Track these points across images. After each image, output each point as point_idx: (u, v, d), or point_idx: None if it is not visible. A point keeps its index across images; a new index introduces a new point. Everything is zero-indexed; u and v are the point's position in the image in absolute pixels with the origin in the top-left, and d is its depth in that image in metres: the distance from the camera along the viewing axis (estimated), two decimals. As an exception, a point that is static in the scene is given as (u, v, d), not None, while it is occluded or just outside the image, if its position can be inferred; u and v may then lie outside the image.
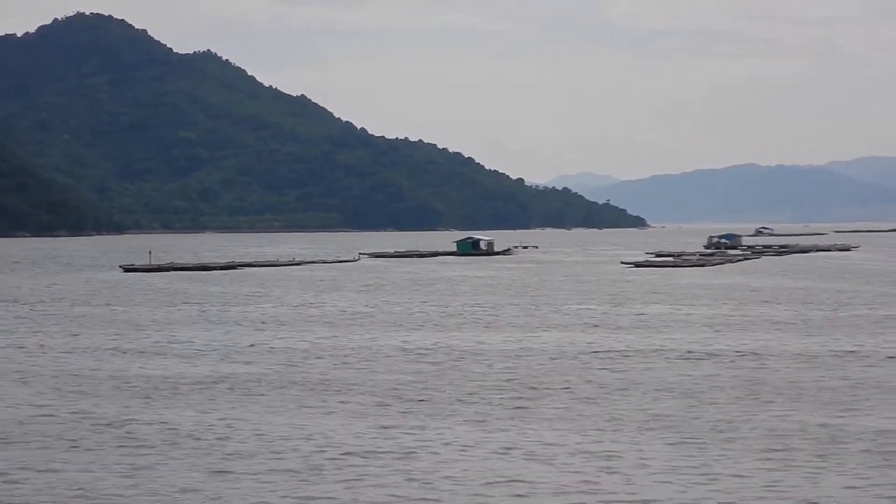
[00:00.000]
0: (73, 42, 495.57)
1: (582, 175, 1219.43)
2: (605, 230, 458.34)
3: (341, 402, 31.00)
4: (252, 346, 45.66)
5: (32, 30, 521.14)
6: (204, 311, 64.29)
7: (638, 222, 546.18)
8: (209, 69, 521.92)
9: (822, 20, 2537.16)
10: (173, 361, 40.79)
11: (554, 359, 40.29)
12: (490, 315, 59.77)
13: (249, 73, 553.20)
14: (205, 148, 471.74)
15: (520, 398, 31.26)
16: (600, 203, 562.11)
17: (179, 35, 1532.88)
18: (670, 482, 21.42)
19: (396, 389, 33.05)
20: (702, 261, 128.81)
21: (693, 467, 22.60)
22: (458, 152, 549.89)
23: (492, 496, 20.65)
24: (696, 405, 29.87)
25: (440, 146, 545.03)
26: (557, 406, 29.93)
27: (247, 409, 29.98)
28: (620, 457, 23.50)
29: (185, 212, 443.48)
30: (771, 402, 30.38)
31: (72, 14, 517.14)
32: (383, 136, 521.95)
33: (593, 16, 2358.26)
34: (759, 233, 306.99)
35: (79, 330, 53.56)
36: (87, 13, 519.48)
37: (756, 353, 41.32)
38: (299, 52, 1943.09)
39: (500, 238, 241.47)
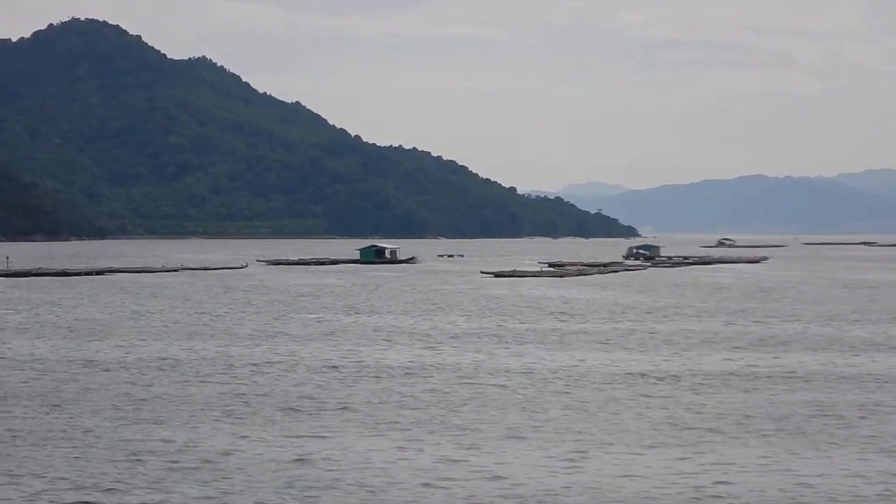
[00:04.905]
0: (66, 47, 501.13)
1: (591, 184, 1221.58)
2: (591, 240, 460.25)
3: None
4: None
5: (28, 35, 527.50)
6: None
7: (629, 232, 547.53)
8: (202, 75, 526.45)
9: (832, 34, 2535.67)
10: None
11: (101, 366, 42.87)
12: (211, 324, 62.39)
13: (244, 80, 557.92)
14: (195, 154, 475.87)
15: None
16: (592, 213, 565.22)
17: (177, 41, 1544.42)
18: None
19: None
20: (581, 271, 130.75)
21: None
22: (451, 160, 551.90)
23: None
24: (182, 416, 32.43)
25: (434, 154, 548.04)
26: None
27: None
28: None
29: (173, 217, 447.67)
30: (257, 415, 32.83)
31: (67, 20, 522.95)
32: (374, 144, 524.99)
33: (602, 26, 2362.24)
34: (720, 244, 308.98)
35: None
36: (83, 18, 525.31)
37: (369, 366, 42.93)
38: (299, 59, 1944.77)
39: (481, 247, 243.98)
